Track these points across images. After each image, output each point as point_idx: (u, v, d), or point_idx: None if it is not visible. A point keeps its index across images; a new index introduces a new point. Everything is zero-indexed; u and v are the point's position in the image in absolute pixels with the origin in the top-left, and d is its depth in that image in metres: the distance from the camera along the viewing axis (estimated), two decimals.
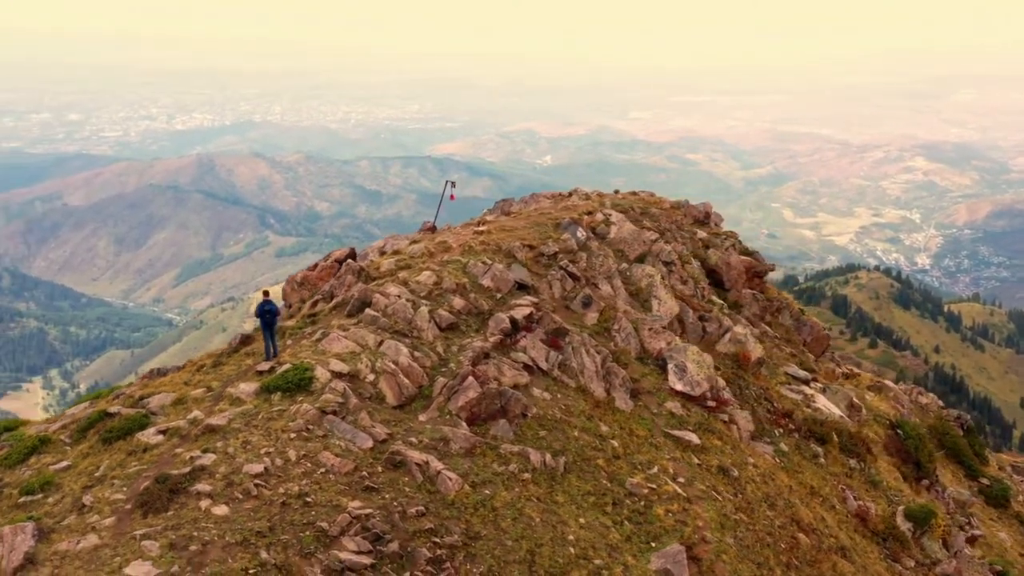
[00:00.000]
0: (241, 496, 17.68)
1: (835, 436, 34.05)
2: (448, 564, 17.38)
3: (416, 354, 23.48)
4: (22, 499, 19.37)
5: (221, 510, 17.23)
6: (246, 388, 22.15)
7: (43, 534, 17.17)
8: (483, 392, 22.32)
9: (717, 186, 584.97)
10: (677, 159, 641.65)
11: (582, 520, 20.42)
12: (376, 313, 25.08)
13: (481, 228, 33.39)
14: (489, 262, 28.87)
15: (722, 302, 38.38)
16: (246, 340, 27.02)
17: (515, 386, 24.17)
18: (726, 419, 29.03)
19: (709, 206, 51.56)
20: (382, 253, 34.10)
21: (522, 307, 26.92)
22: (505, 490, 20.05)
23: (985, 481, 43.84)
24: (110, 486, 18.73)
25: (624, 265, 33.98)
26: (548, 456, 21.96)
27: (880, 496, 32.89)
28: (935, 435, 48.65)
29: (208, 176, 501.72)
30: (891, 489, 33.99)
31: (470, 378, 22.45)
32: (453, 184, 42.68)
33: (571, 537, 19.44)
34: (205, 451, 19.22)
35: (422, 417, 21.82)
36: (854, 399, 42.18)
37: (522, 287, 29.05)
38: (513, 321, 26.23)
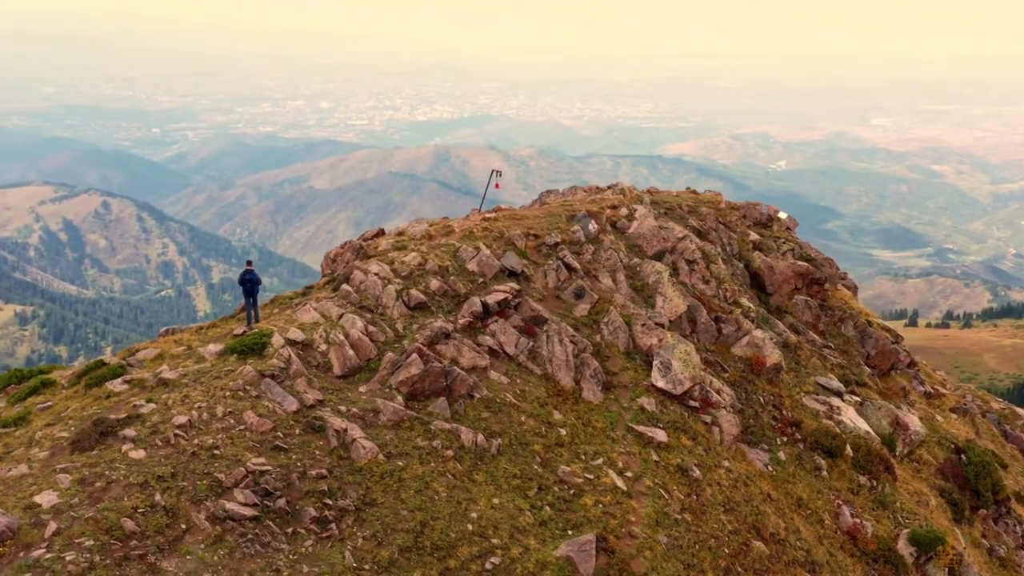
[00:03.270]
0: (160, 443, 19.18)
1: (848, 451, 32.66)
2: (333, 525, 18.28)
3: (371, 328, 24.43)
4: None
5: (138, 454, 18.78)
6: (212, 349, 23.78)
7: None
8: (426, 369, 23.01)
9: (962, 200, 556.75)
10: (919, 169, 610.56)
11: (496, 501, 20.81)
12: (350, 289, 26.22)
13: (489, 215, 33.97)
14: (480, 247, 29.43)
15: (750, 305, 37.31)
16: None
17: (472, 368, 24.75)
18: (708, 420, 28.48)
19: (774, 209, 50.01)
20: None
21: (498, 292, 27.37)
22: (420, 464, 20.71)
23: None
24: (64, 425, 20.69)
25: (635, 260, 33.75)
26: (481, 436, 22.44)
27: (886, 516, 31.33)
28: None
29: (443, 166, 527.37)
30: (904, 511, 32.28)
31: (414, 355, 23.17)
32: (499, 174, 44.31)
33: (473, 515, 19.88)
34: (149, 401, 20.89)
35: (362, 388, 22.76)
36: (901, 418, 40.16)
37: (513, 274, 29.45)
38: (485, 305, 26.73)
